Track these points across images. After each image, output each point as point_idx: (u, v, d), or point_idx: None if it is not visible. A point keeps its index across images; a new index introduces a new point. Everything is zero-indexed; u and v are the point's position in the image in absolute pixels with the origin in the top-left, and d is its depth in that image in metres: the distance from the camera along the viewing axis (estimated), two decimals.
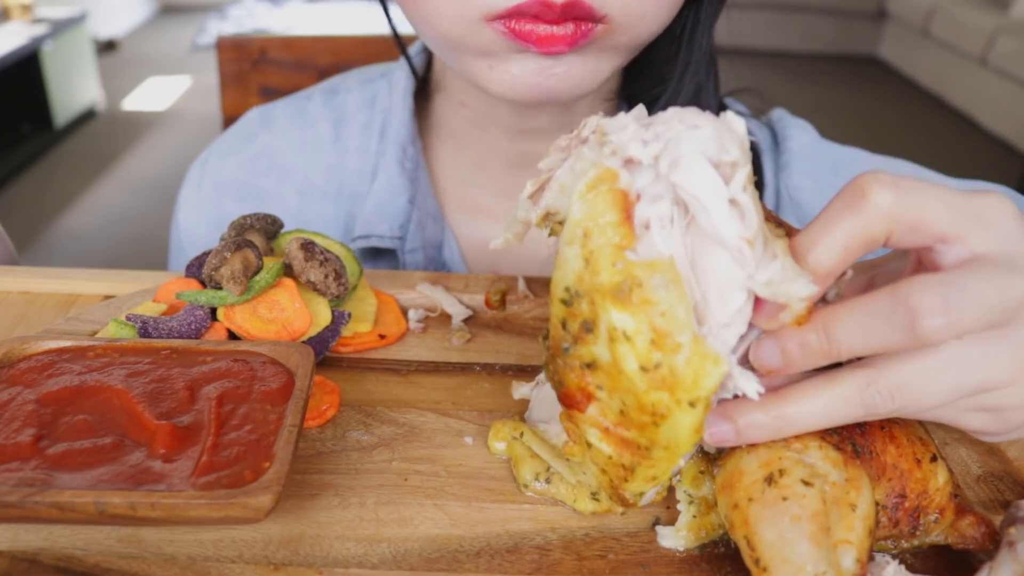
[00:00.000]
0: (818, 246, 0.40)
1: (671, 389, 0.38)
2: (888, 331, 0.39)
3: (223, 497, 0.42)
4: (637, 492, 0.46)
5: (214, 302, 0.59)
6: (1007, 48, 4.78)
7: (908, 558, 0.48)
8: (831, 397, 0.41)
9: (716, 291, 0.39)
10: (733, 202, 0.37)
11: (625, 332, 0.38)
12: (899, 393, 0.40)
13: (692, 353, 0.38)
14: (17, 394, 0.48)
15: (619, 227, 0.38)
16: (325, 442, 0.55)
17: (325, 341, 0.61)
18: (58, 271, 0.72)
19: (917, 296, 0.38)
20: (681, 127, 0.37)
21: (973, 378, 0.40)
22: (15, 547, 0.45)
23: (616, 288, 0.37)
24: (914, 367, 0.40)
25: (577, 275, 0.39)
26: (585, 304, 0.39)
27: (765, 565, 0.40)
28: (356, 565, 0.46)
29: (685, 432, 0.40)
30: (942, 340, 0.39)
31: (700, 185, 0.37)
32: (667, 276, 0.37)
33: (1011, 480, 0.54)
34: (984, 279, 0.39)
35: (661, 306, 0.37)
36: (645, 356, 0.38)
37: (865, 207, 0.39)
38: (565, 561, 0.47)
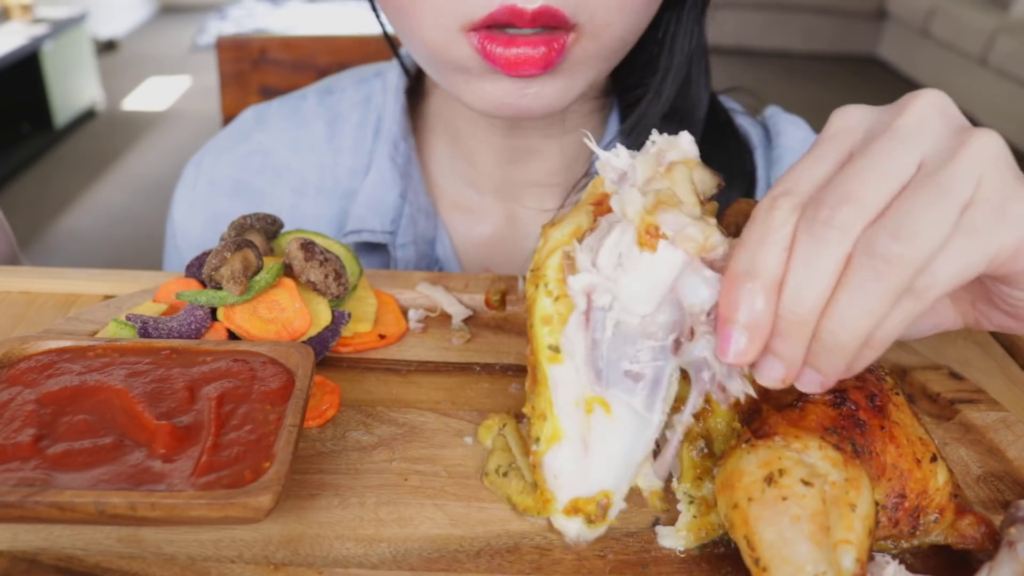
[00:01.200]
0: (761, 251, 0.41)
1: (535, 280, 0.44)
2: (822, 256, 0.38)
3: (223, 497, 0.42)
4: (535, 436, 0.46)
5: (214, 302, 0.59)
6: (1007, 48, 4.78)
7: (908, 558, 0.48)
8: (867, 293, 0.38)
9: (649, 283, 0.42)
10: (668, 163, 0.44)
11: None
12: (903, 230, 0.38)
13: (548, 247, 0.44)
14: (17, 394, 0.48)
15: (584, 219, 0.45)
16: (325, 442, 0.55)
17: (325, 341, 0.61)
18: (58, 271, 0.72)
19: (816, 206, 0.39)
20: (618, 165, 0.43)
21: (952, 188, 0.38)
22: (15, 547, 0.45)
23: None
24: (892, 209, 0.39)
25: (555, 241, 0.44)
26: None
27: (765, 565, 0.40)
28: (356, 565, 0.46)
29: (537, 325, 0.44)
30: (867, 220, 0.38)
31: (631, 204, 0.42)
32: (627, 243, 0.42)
33: (1011, 480, 0.54)
34: (865, 156, 0.40)
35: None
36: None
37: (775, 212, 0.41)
38: (565, 561, 0.47)
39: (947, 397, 0.61)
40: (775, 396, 0.50)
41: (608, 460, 0.46)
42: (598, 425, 0.45)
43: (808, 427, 0.45)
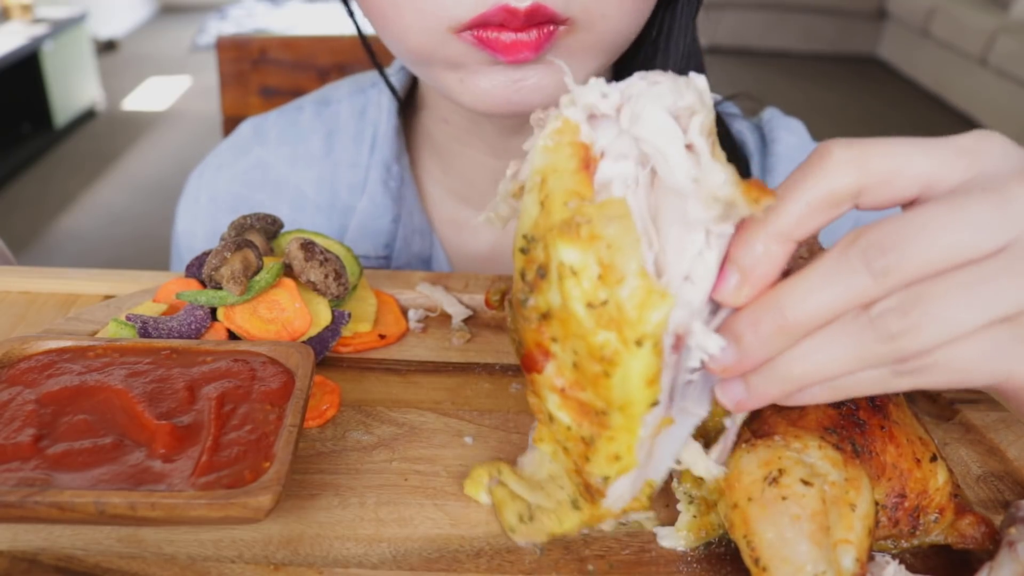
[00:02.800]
0: (782, 204, 0.37)
1: (618, 327, 0.37)
2: (843, 279, 0.36)
3: (223, 497, 0.42)
4: (602, 475, 0.43)
5: (214, 302, 0.59)
6: (1007, 48, 4.78)
7: (908, 558, 0.48)
8: (838, 337, 0.37)
9: (675, 238, 0.38)
10: (689, 147, 0.37)
11: (573, 267, 0.37)
12: (911, 306, 0.35)
13: (638, 285, 0.37)
14: (17, 394, 0.48)
15: (576, 174, 0.38)
16: (325, 442, 0.55)
17: (325, 341, 0.61)
18: (58, 271, 0.72)
19: (866, 237, 0.36)
20: (642, 84, 0.38)
21: (995, 292, 0.35)
22: (15, 547, 0.45)
23: (566, 224, 0.37)
24: (924, 286, 0.36)
25: (534, 221, 0.39)
26: (540, 249, 0.39)
27: (765, 565, 0.40)
28: (356, 565, 0.46)
29: (637, 383, 0.38)
30: (903, 279, 0.35)
31: (659, 134, 0.37)
32: (616, 212, 0.37)
33: (1011, 480, 0.54)
34: (947, 208, 0.35)
35: (608, 239, 0.37)
36: (592, 292, 0.37)
37: (827, 162, 0.37)
38: (565, 561, 0.47)
39: (947, 397, 0.61)
40: None
41: (661, 463, 0.44)
42: (660, 439, 0.43)
43: (808, 427, 0.45)
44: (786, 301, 0.37)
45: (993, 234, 0.36)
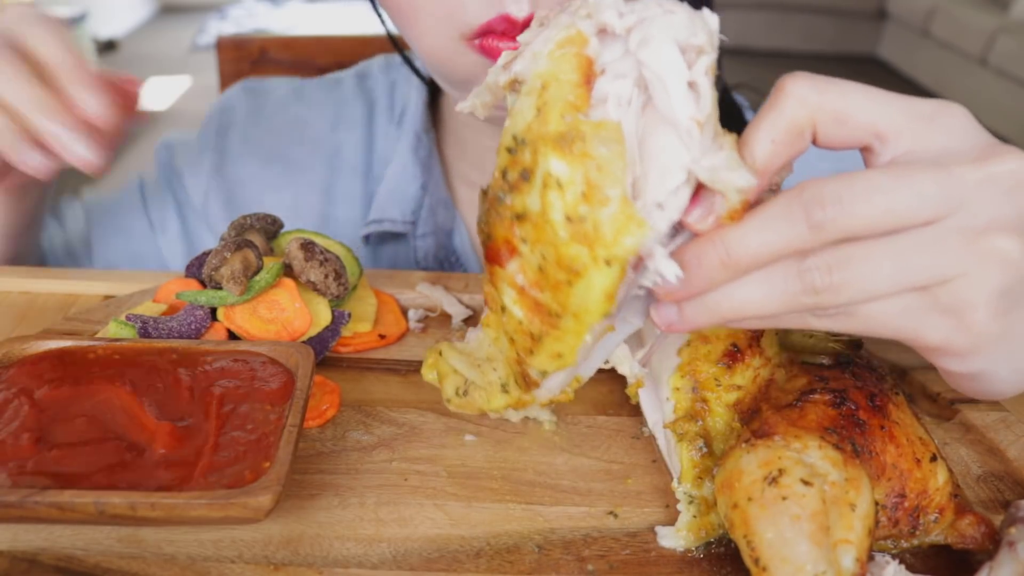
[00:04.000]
0: (747, 142, 0.39)
1: (591, 244, 0.39)
2: (784, 225, 0.38)
3: (223, 497, 0.42)
4: (541, 370, 0.45)
5: (214, 302, 0.59)
6: (1007, 48, 4.78)
7: (908, 558, 0.48)
8: (768, 275, 0.39)
9: (658, 169, 0.39)
10: (692, 84, 0.38)
11: (559, 180, 0.38)
12: (837, 267, 0.38)
13: (618, 211, 0.38)
14: (17, 394, 0.48)
15: (577, 87, 0.39)
16: (325, 442, 0.55)
17: (325, 341, 0.61)
18: (58, 271, 0.72)
19: (812, 190, 0.38)
20: (658, 10, 0.39)
21: (919, 261, 0.38)
22: (15, 547, 0.45)
23: (560, 137, 0.38)
24: (854, 247, 0.38)
25: (527, 124, 0.39)
26: (528, 153, 0.39)
27: (765, 564, 0.40)
28: (356, 565, 0.46)
29: (596, 296, 0.40)
30: (837, 234, 0.37)
31: (663, 64, 0.38)
32: (611, 135, 0.38)
33: (1011, 480, 0.54)
34: (894, 175, 0.37)
35: (599, 160, 0.38)
36: (573, 207, 0.38)
37: (783, 96, 0.39)
38: (565, 561, 0.47)
39: (947, 397, 0.61)
40: (775, 396, 0.50)
41: (593, 363, 0.47)
42: (599, 344, 0.44)
43: (808, 427, 0.45)
44: (730, 239, 0.39)
45: (929, 207, 0.37)
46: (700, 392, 0.51)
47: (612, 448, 0.56)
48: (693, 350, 0.52)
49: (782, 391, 0.50)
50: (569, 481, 0.53)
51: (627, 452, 0.56)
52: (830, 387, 0.48)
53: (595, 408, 0.60)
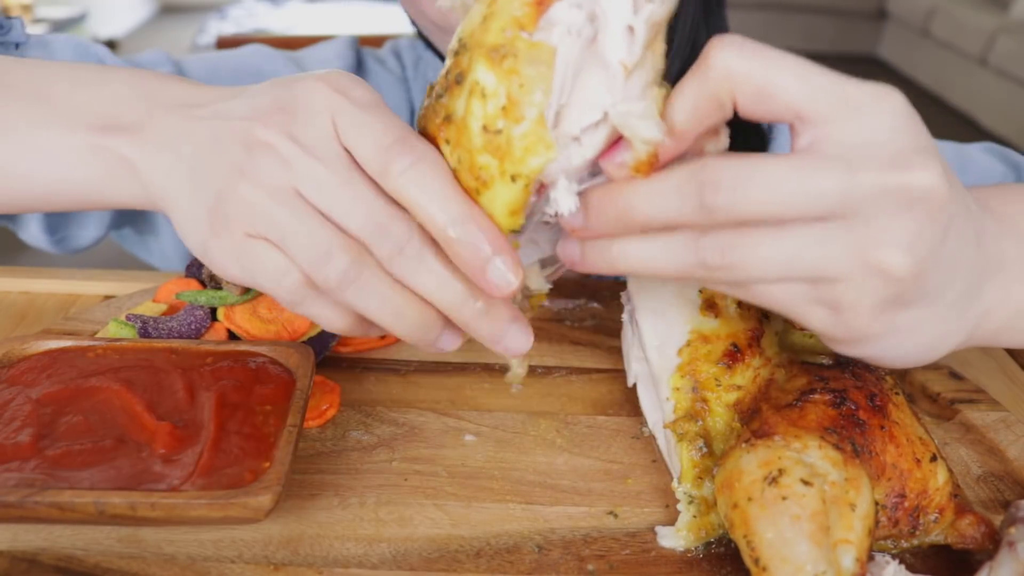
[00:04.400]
0: (670, 104, 0.39)
1: (501, 157, 0.40)
2: (677, 200, 0.38)
3: (223, 497, 0.42)
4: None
5: (214, 302, 0.59)
6: (1007, 48, 4.78)
7: (908, 558, 0.48)
8: (666, 242, 0.40)
9: (581, 103, 0.40)
10: (630, 28, 0.39)
11: (484, 89, 0.39)
12: (729, 251, 0.38)
13: (531, 130, 0.39)
14: (17, 394, 0.48)
15: (527, 6, 0.39)
16: (325, 442, 0.55)
17: (325, 341, 0.61)
18: (58, 271, 0.72)
19: (711, 171, 0.37)
20: None
21: (807, 258, 0.38)
22: (15, 547, 0.45)
23: (494, 48, 0.39)
24: (747, 232, 0.38)
25: (471, 30, 0.40)
26: (466, 58, 0.40)
27: (765, 564, 0.40)
28: (356, 565, 0.46)
29: (500, 209, 0.41)
30: (729, 219, 0.38)
31: (612, 4, 0.39)
32: (542, 58, 0.39)
33: (1011, 480, 0.54)
34: (797, 166, 0.37)
35: (523, 79, 0.39)
36: (491, 118, 0.39)
37: (707, 67, 0.38)
38: (565, 561, 0.47)
39: (947, 397, 0.61)
40: (775, 396, 0.50)
41: None
42: None
43: (808, 427, 0.45)
44: (631, 196, 0.40)
45: (823, 206, 0.37)
46: (700, 392, 0.51)
47: (612, 448, 0.56)
48: (693, 350, 0.52)
49: (782, 391, 0.50)
50: (569, 481, 0.53)
51: (627, 452, 0.56)
52: (830, 387, 0.48)
53: (595, 408, 0.60)
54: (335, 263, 0.41)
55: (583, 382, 0.63)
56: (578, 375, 0.64)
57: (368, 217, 0.41)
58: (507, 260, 0.40)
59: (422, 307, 0.43)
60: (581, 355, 0.66)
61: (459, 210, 0.40)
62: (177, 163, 0.45)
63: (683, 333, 0.52)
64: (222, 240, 0.43)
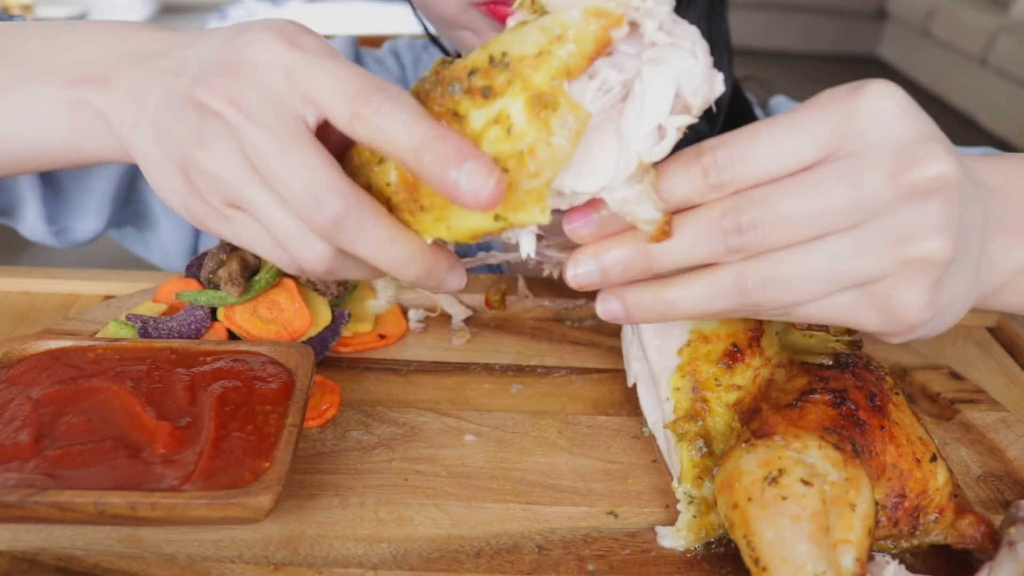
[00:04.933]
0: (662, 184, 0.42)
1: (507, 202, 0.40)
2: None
3: (223, 497, 0.42)
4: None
5: (214, 302, 0.59)
6: (1007, 48, 4.78)
7: (908, 558, 0.48)
8: (710, 283, 0.41)
9: (581, 164, 0.41)
10: (661, 128, 0.40)
11: (511, 127, 0.39)
12: (771, 281, 0.40)
13: (536, 190, 0.39)
14: (17, 394, 0.48)
15: (582, 58, 0.39)
16: (325, 442, 0.55)
17: (325, 341, 0.61)
18: (58, 271, 0.72)
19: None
20: (687, 47, 0.40)
21: (846, 268, 0.39)
22: (15, 547, 0.45)
23: (540, 95, 0.39)
24: (782, 256, 0.40)
25: (522, 55, 0.39)
26: (503, 79, 0.39)
27: (765, 564, 0.40)
28: (356, 565, 0.46)
29: (464, 229, 0.41)
30: (763, 247, 0.39)
31: (655, 92, 0.40)
32: (578, 124, 0.39)
33: (1011, 480, 0.54)
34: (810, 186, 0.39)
35: (552, 139, 0.39)
36: (504, 156, 0.39)
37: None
38: (565, 561, 0.47)
39: (947, 397, 0.61)
40: (775, 396, 0.50)
41: None
42: None
43: (808, 427, 0.45)
44: (656, 260, 0.41)
45: (842, 218, 0.39)
46: (700, 392, 0.51)
47: (612, 448, 0.56)
48: (693, 350, 0.52)
49: (782, 391, 0.50)
50: (569, 481, 0.53)
51: (627, 452, 0.56)
52: (830, 387, 0.48)
53: (595, 408, 0.60)
54: (315, 248, 0.41)
55: (583, 382, 0.63)
56: (578, 375, 0.64)
57: (305, 189, 0.39)
58: (479, 164, 0.38)
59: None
60: (581, 355, 0.66)
61: (428, 131, 0.38)
62: (142, 118, 0.45)
63: (683, 333, 0.52)
64: (203, 207, 0.43)
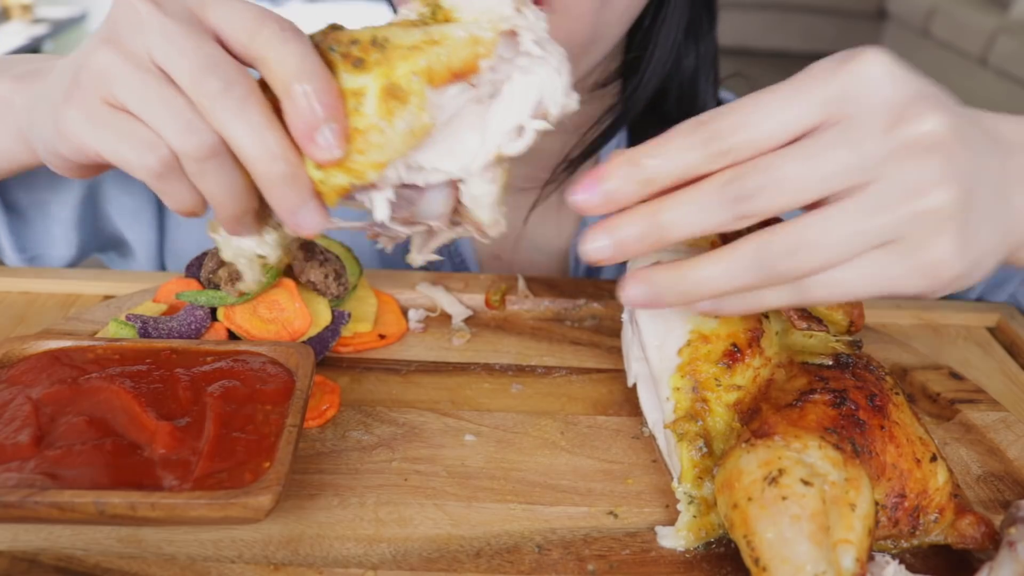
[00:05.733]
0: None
1: (341, 164, 0.43)
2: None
3: (223, 497, 0.42)
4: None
5: (214, 302, 0.59)
6: (1007, 48, 4.77)
7: (908, 558, 0.48)
8: (734, 257, 0.41)
9: (444, 146, 0.46)
10: (521, 128, 0.46)
11: (362, 104, 0.43)
12: (796, 248, 0.40)
13: (369, 163, 0.43)
14: (17, 394, 0.48)
15: (447, 69, 0.43)
16: (325, 442, 0.55)
17: (325, 341, 0.61)
18: (58, 271, 0.72)
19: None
20: (555, 64, 0.46)
21: (864, 226, 0.39)
22: (15, 547, 0.45)
23: (395, 86, 0.43)
24: (808, 221, 0.40)
25: (398, 44, 0.43)
26: (376, 57, 0.43)
27: (765, 564, 0.40)
28: (356, 565, 0.46)
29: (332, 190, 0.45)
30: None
31: (522, 96, 0.46)
32: (417, 127, 0.44)
33: (1011, 480, 0.54)
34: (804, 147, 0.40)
35: (388, 130, 0.43)
36: (354, 122, 0.43)
37: None
38: (565, 561, 0.47)
39: (947, 397, 0.61)
40: (775, 396, 0.50)
41: None
42: None
43: (808, 427, 0.45)
44: (667, 232, 0.41)
45: (842, 182, 0.39)
46: (700, 392, 0.51)
47: (612, 448, 0.56)
48: (693, 350, 0.52)
49: (782, 391, 0.50)
50: (569, 481, 0.53)
51: (627, 452, 0.56)
52: (830, 387, 0.48)
53: (595, 408, 0.60)
54: (200, 134, 0.42)
55: (583, 382, 0.63)
56: (578, 375, 0.64)
57: (204, 57, 0.41)
58: (336, 129, 0.41)
59: None
60: (581, 355, 0.66)
61: (313, 68, 0.41)
62: (43, 85, 0.49)
63: (683, 333, 0.52)
64: (75, 105, 0.43)
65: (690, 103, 0.82)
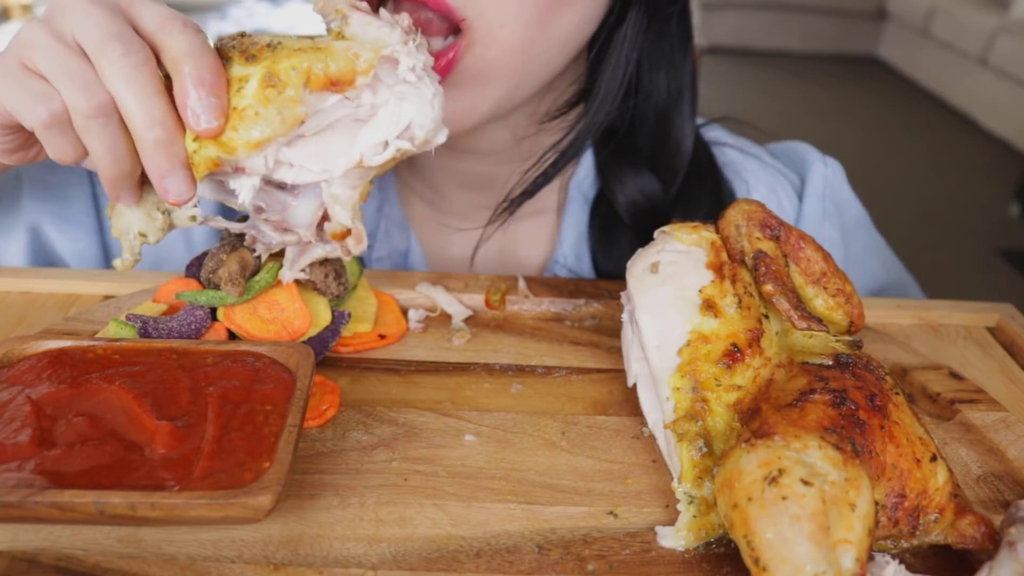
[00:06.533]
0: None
1: (215, 139, 0.49)
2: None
3: (223, 497, 0.42)
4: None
5: (214, 302, 0.59)
6: (1007, 48, 4.78)
7: (908, 558, 0.48)
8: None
9: (312, 149, 0.52)
10: (385, 143, 0.53)
11: (244, 87, 0.49)
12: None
13: (245, 142, 0.49)
14: (17, 394, 0.48)
15: (324, 75, 0.49)
16: (325, 442, 0.55)
17: (325, 341, 0.61)
18: (58, 271, 0.72)
19: None
20: (429, 95, 0.52)
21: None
22: (15, 547, 0.45)
23: (274, 72, 0.48)
24: None
25: (287, 46, 0.50)
26: (267, 54, 0.49)
27: (765, 564, 0.40)
28: (356, 565, 0.46)
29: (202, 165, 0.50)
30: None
31: (393, 117, 0.52)
32: (288, 115, 0.49)
33: (1011, 480, 0.54)
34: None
35: (262, 111, 0.48)
36: (234, 101, 0.49)
37: None
38: (565, 561, 0.47)
39: (947, 397, 0.61)
40: (775, 396, 0.50)
41: None
42: None
43: (808, 426, 0.45)
44: None
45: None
46: (700, 392, 0.51)
47: (612, 448, 0.56)
48: (693, 350, 0.52)
49: (782, 391, 0.50)
50: (569, 481, 0.53)
51: (627, 452, 0.56)
52: (830, 387, 0.48)
53: (595, 408, 0.60)
54: (93, 92, 0.47)
55: (583, 382, 0.63)
56: (578, 375, 0.64)
57: (113, 29, 0.47)
58: (215, 103, 0.48)
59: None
60: (581, 355, 0.66)
61: (203, 52, 0.48)
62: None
63: (683, 333, 0.52)
64: None
65: (663, 137, 0.79)
